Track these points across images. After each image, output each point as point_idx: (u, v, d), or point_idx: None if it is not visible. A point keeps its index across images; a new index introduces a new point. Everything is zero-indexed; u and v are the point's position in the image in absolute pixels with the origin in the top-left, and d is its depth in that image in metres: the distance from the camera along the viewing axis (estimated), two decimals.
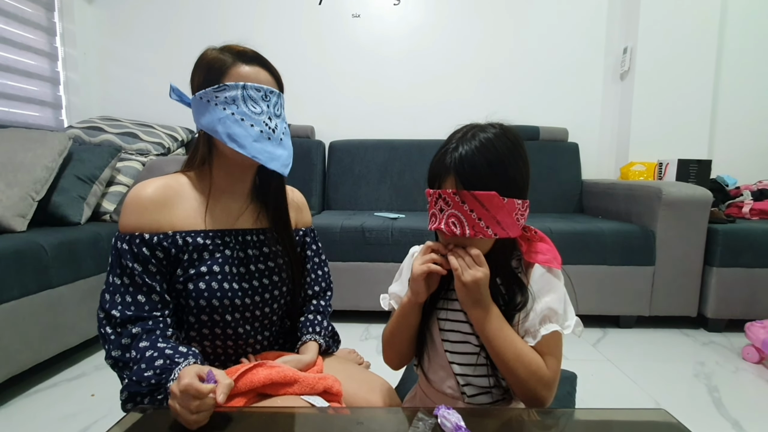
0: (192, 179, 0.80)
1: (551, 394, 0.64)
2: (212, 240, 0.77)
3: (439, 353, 0.72)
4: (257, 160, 0.73)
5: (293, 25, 2.64)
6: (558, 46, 2.65)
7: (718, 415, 1.24)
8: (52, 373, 1.45)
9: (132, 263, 0.71)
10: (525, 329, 0.66)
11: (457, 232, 0.63)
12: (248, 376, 0.70)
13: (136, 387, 0.65)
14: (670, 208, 1.83)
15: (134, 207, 0.73)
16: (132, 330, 0.70)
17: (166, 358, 0.65)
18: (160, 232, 0.73)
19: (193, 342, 0.79)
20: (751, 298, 1.84)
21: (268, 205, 0.85)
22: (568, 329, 0.66)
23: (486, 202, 0.62)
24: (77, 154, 1.76)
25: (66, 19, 2.55)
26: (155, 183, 0.75)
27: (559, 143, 2.57)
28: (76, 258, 1.47)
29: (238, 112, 0.73)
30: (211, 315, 0.76)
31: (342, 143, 2.61)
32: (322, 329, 0.91)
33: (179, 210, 0.75)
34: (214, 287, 0.75)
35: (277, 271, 0.84)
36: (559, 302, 0.66)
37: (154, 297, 0.72)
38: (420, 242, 0.75)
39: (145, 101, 2.68)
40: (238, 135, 0.72)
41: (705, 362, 1.59)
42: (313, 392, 0.74)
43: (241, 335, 0.81)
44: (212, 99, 0.74)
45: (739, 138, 2.57)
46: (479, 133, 0.64)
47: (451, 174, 0.63)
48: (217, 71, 0.74)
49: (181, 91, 0.79)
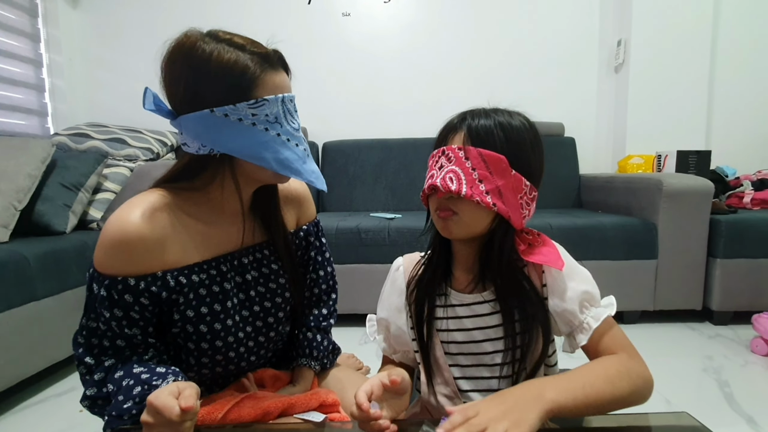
0: (178, 200, 0.65)
1: (651, 381, 0.54)
2: (207, 273, 0.66)
3: (443, 370, 0.65)
4: (312, 184, 0.65)
5: (283, 25, 2.60)
6: (551, 41, 2.62)
7: (731, 411, 1.20)
8: (40, 388, 1.40)
9: (110, 311, 0.60)
10: (568, 324, 0.59)
11: (453, 188, 0.56)
12: (235, 410, 0.65)
13: (118, 422, 0.58)
14: (672, 199, 1.80)
15: (117, 246, 0.59)
16: (106, 363, 0.62)
17: (144, 384, 0.58)
18: (147, 274, 0.60)
19: (190, 372, 0.70)
20: (757, 289, 1.81)
21: (264, 219, 0.75)
22: (611, 308, 0.59)
23: (491, 163, 0.56)
24: (61, 161, 1.71)
25: (50, 25, 2.50)
26: (143, 213, 0.60)
27: (556, 138, 2.54)
28: (61, 268, 1.42)
29: (284, 132, 0.63)
30: (213, 356, 0.68)
31: (335, 144, 2.57)
32: (319, 352, 0.82)
33: (173, 245, 0.62)
34: (217, 328, 0.66)
35: (280, 292, 0.76)
36: (589, 282, 0.60)
37: (136, 341, 0.62)
38: (417, 242, 0.69)
39: (133, 107, 2.60)
40: (291, 160, 0.63)
41: (713, 356, 1.55)
42: (307, 410, 0.70)
43: (243, 369, 0.75)
44: (246, 117, 0.60)
45: (737, 128, 2.54)
46: (497, 111, 0.61)
47: (461, 131, 0.59)
48: (246, 80, 0.60)
49: (161, 99, 0.62)
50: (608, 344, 0.56)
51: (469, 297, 0.64)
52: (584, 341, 0.57)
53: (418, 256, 0.71)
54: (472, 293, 0.64)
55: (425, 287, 0.65)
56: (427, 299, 0.64)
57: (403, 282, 0.69)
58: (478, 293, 0.63)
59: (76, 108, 2.60)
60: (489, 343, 0.62)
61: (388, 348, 0.70)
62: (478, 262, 0.63)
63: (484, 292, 0.63)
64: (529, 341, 0.59)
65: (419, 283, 0.66)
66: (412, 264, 0.69)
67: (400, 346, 0.69)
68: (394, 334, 0.68)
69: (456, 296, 0.64)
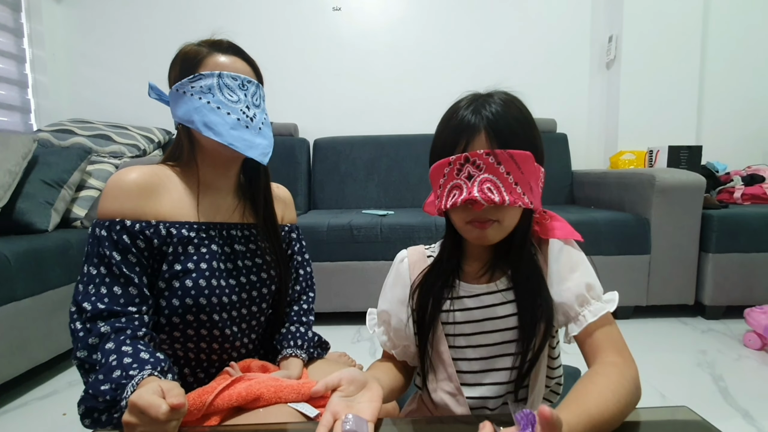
0: (177, 172, 0.77)
1: (640, 384, 0.51)
2: (197, 233, 0.74)
3: (446, 365, 0.63)
4: (234, 147, 0.70)
5: (272, 20, 2.55)
6: (543, 37, 2.61)
7: (726, 405, 1.20)
8: (22, 391, 1.36)
9: (110, 251, 0.67)
10: (565, 314, 0.57)
11: (496, 200, 0.52)
12: (226, 394, 0.63)
13: (93, 402, 0.59)
14: (664, 194, 1.80)
15: (116, 191, 0.69)
16: (101, 328, 0.64)
17: (123, 370, 0.59)
18: (143, 220, 0.69)
19: (177, 344, 0.74)
20: (748, 284, 1.81)
21: (254, 201, 0.82)
22: (612, 304, 0.56)
23: (522, 163, 0.54)
24: (44, 157, 1.66)
25: (33, 19, 2.43)
26: (140, 168, 0.72)
27: (548, 134, 2.53)
28: (43, 268, 1.37)
29: (214, 101, 0.71)
30: (197, 315, 0.72)
31: (327, 140, 2.54)
32: (304, 342, 0.85)
33: (165, 199, 0.72)
34: (202, 285, 0.71)
35: (265, 268, 0.81)
36: (591, 274, 0.58)
37: (132, 290, 0.67)
38: (410, 238, 0.67)
39: (118, 102, 2.57)
40: (214, 123, 0.70)
41: (707, 351, 1.55)
42: (299, 398, 0.67)
43: (228, 337, 0.76)
44: (188, 90, 0.72)
45: (727, 123, 2.56)
46: (493, 95, 0.59)
47: (481, 132, 0.54)
48: (192, 62, 0.73)
49: (160, 89, 0.78)
50: (601, 340, 0.54)
51: (479, 288, 0.62)
52: (576, 332, 0.56)
53: (423, 248, 0.69)
54: (482, 283, 0.62)
55: (435, 286, 0.63)
56: (434, 296, 0.62)
57: (407, 274, 0.67)
58: (491, 283, 0.62)
59: (60, 104, 2.54)
60: (498, 334, 0.61)
61: (388, 342, 0.68)
62: (493, 251, 0.61)
63: (497, 281, 0.61)
64: (539, 330, 0.57)
65: (428, 282, 0.63)
66: (417, 256, 0.68)
67: (401, 341, 0.66)
68: (395, 327, 0.66)
69: (465, 288, 0.62)
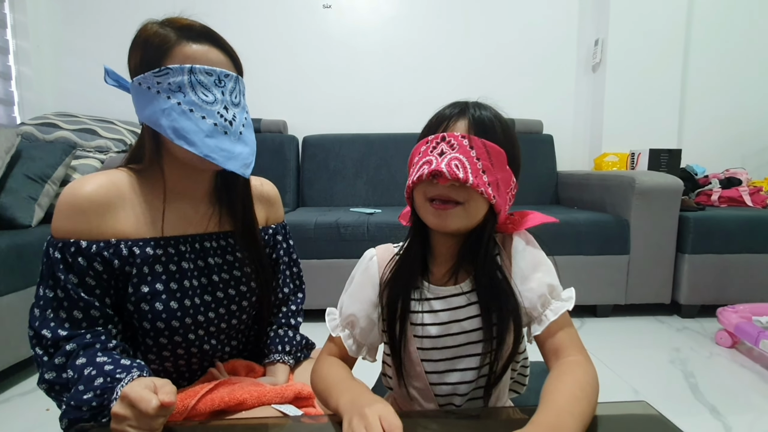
0: (138, 178, 0.67)
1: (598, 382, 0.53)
2: (164, 249, 0.66)
3: (415, 365, 0.64)
4: (211, 160, 0.61)
5: (261, 16, 2.54)
6: (531, 39, 2.65)
7: (695, 401, 1.25)
8: (4, 387, 1.35)
9: (65, 275, 0.60)
10: (528, 314, 0.59)
11: (460, 176, 0.54)
12: (209, 398, 0.63)
13: (76, 413, 0.56)
14: (643, 197, 1.85)
15: (69, 208, 0.61)
16: (66, 348, 0.59)
17: (106, 376, 0.56)
18: (100, 240, 0.61)
19: (153, 364, 0.68)
20: (722, 284, 1.88)
21: (232, 208, 0.74)
22: (570, 302, 0.59)
23: (494, 155, 0.57)
24: (27, 151, 1.65)
25: (17, 10, 2.40)
26: (95, 180, 0.62)
27: (534, 135, 2.58)
28: (25, 263, 1.36)
29: (186, 102, 0.60)
30: (171, 337, 0.66)
31: (316, 138, 2.54)
32: (292, 347, 0.82)
33: (125, 213, 0.64)
34: (173, 306, 0.65)
35: (245, 280, 0.74)
36: (552, 273, 0.60)
37: (94, 312, 0.61)
38: (396, 237, 0.68)
39: (104, 96, 2.53)
40: (187, 130, 0.60)
41: (680, 348, 1.60)
42: (283, 401, 0.69)
43: (206, 351, 0.72)
44: (153, 85, 0.61)
45: (707, 128, 2.63)
46: (480, 103, 0.61)
47: (464, 118, 0.58)
48: (157, 50, 0.61)
49: (119, 75, 0.65)
50: (562, 339, 0.57)
51: (445, 290, 0.63)
52: (539, 331, 0.58)
53: (392, 247, 0.69)
54: (448, 285, 0.63)
55: (402, 283, 0.63)
56: (402, 295, 0.63)
57: (377, 274, 0.67)
58: (454, 285, 0.63)
59: (44, 97, 2.50)
60: (464, 335, 0.62)
61: (353, 345, 0.66)
62: (457, 254, 0.63)
63: (462, 283, 0.63)
64: (504, 331, 0.59)
65: (396, 279, 0.64)
66: (386, 254, 0.68)
67: (366, 341, 0.67)
68: (363, 327, 0.66)
69: (432, 290, 0.64)
